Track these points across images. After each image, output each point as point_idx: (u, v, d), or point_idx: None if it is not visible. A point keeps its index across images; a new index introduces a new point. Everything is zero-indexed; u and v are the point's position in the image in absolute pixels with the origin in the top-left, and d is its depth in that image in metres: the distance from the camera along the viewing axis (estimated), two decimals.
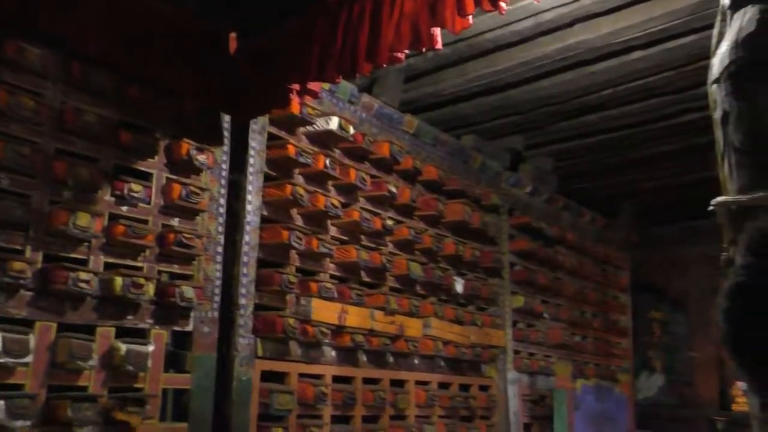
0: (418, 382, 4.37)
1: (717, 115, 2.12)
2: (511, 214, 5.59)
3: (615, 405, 5.63)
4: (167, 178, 3.09)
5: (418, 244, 4.44)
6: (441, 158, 4.84)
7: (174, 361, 3.09)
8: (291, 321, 3.44)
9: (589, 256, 6.49)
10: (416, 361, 4.39)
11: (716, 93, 2.11)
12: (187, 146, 3.09)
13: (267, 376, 3.43)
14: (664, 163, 6.07)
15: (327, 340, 3.68)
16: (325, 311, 3.66)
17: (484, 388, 4.96)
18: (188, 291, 3.00)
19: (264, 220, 3.54)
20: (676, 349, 7.55)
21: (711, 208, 2.15)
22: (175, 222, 3.10)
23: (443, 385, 4.59)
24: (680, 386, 7.24)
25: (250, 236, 3.42)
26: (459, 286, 4.73)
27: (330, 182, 3.91)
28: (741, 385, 6.81)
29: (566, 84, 4.56)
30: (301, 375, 3.59)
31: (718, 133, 2.13)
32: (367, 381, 4.00)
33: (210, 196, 3.26)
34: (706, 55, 4.08)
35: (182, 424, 3.01)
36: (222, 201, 3.32)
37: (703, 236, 7.20)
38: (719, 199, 2.10)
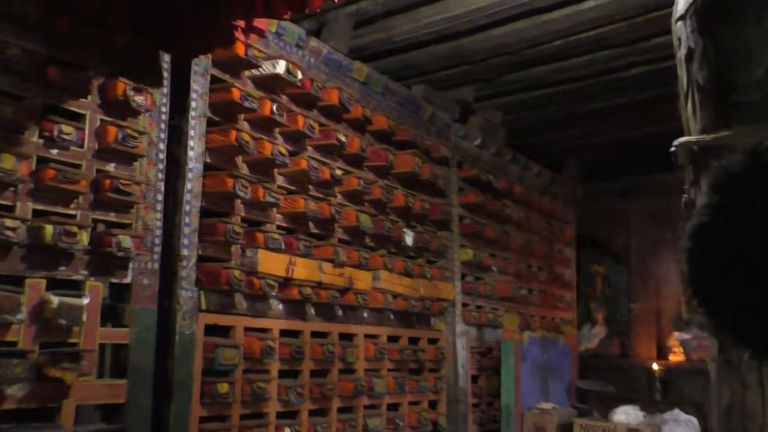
0: (368, 336, 4.31)
1: (681, 53, 2.07)
2: (460, 166, 5.54)
3: (559, 356, 5.73)
4: (101, 119, 2.87)
5: (368, 195, 4.34)
6: (391, 108, 4.71)
7: (112, 314, 2.92)
8: (236, 273, 3.31)
9: (535, 209, 6.52)
10: (365, 315, 4.33)
11: (681, 30, 2.05)
12: (122, 86, 2.87)
13: (211, 330, 3.30)
14: (610, 119, 6.10)
15: (274, 293, 3.56)
16: (272, 263, 3.54)
17: (433, 341, 4.95)
18: (126, 240, 2.82)
19: (207, 167, 3.36)
20: (616, 301, 7.74)
21: (672, 149, 2.11)
22: (110, 167, 2.89)
23: (392, 339, 4.55)
24: (620, 338, 7.44)
25: (192, 184, 3.24)
26: (409, 238, 4.66)
27: (277, 129, 3.74)
28: (677, 335, 7.05)
29: (518, 33, 4.46)
30: (247, 329, 3.48)
31: (682, 72, 2.08)
32: (316, 334, 3.91)
33: (149, 140, 3.06)
34: (657, 6, 4.07)
35: (121, 381, 2.87)
36: (162, 146, 3.13)
37: (646, 191, 7.37)
38: (681, 140, 2.06)
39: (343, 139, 4.09)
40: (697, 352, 6.84)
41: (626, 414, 4.63)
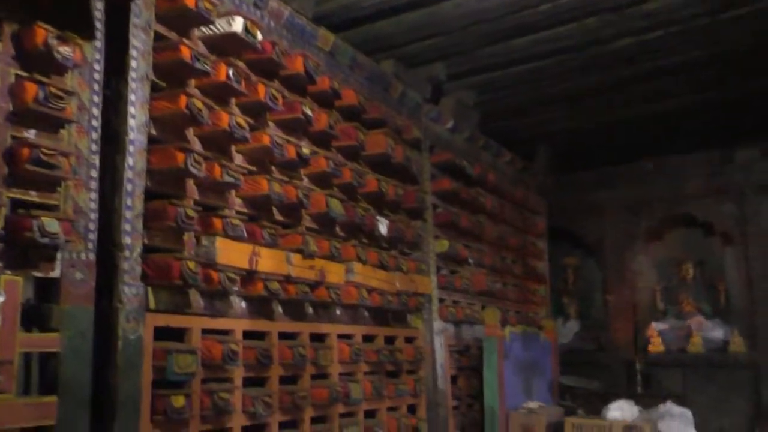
0: (341, 336, 3.82)
1: None
2: (431, 151, 5.11)
3: (540, 352, 5.36)
4: (17, 75, 2.31)
5: (338, 178, 3.86)
6: (359, 84, 4.24)
7: (37, 317, 2.36)
8: (190, 265, 2.78)
9: (508, 199, 6.15)
10: (338, 312, 3.84)
11: None
12: (43, 33, 2.32)
13: (162, 334, 2.76)
14: (588, 100, 5.78)
15: (236, 289, 3.04)
16: (232, 253, 3.02)
17: (410, 340, 4.50)
18: (51, 224, 2.27)
19: (152, 140, 2.83)
20: (589, 295, 7.44)
21: None
22: (29, 134, 2.34)
23: (368, 338, 4.08)
24: (596, 331, 7.13)
25: (134, 159, 2.70)
26: (382, 227, 4.19)
27: (234, 100, 3.23)
28: (655, 326, 6.78)
29: None
30: (206, 331, 2.95)
31: None
32: (284, 336, 3.41)
33: (79, 103, 2.51)
34: None
35: (50, 398, 2.31)
36: (96, 112, 2.58)
37: (620, 181, 7.10)
38: None
39: (309, 113, 3.60)
40: (676, 342, 6.58)
41: (621, 410, 4.28)
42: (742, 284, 6.39)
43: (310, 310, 3.62)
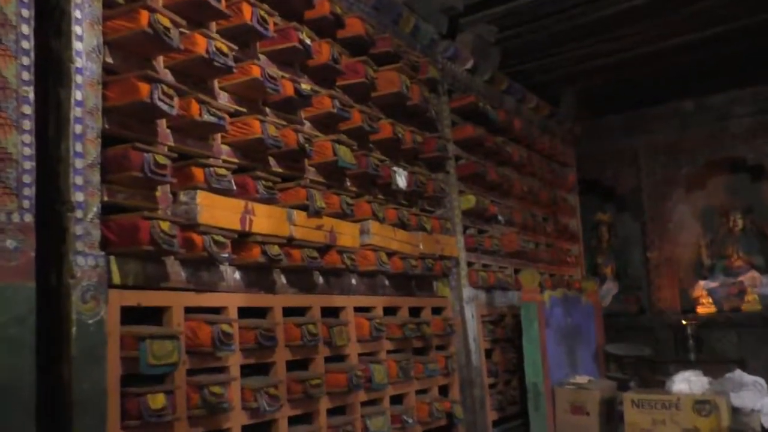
0: (359, 309, 3.22)
1: None
2: (450, 95, 4.46)
3: (583, 318, 4.76)
4: None
5: (345, 122, 3.23)
6: (365, 14, 3.59)
7: None
8: (164, 226, 2.16)
9: (535, 149, 5.50)
10: (354, 281, 3.24)
11: None
12: None
13: (132, 316, 2.16)
14: (619, 31, 5.08)
15: (225, 255, 2.43)
16: (219, 211, 2.41)
17: (437, 311, 3.90)
18: None
19: (109, 71, 2.21)
20: (626, 253, 6.80)
21: None
22: None
23: (389, 311, 3.48)
24: (636, 292, 6.51)
25: (84, 93, 2.09)
26: (401, 179, 3.57)
27: (211, 19, 2.60)
28: (703, 284, 6.16)
29: None
30: (189, 309, 2.35)
31: None
32: (290, 312, 2.80)
33: (0, 17, 1.89)
34: None
35: None
36: (26, 29, 1.95)
37: (656, 124, 6.42)
38: None
39: (308, 41, 2.95)
40: (729, 301, 5.96)
41: (688, 382, 3.68)
42: None
43: (320, 279, 3.02)
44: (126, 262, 2.17)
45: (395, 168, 3.55)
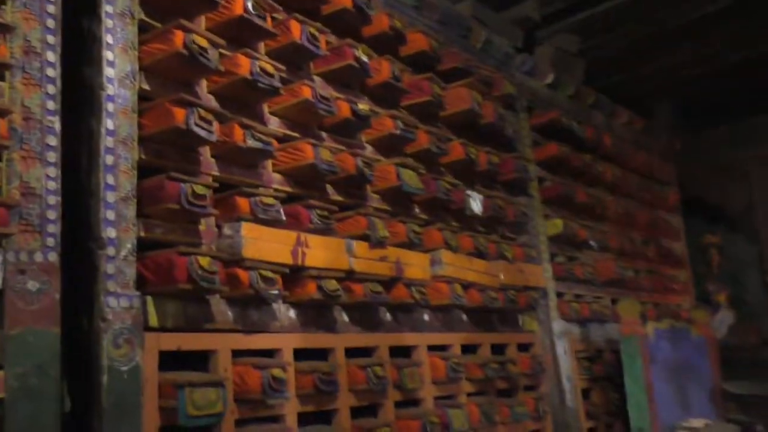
0: (432, 348, 2.92)
1: None
2: (530, 112, 4.13)
3: (694, 352, 4.23)
4: None
5: (410, 143, 2.98)
6: (429, 29, 3.36)
7: None
8: (203, 262, 1.97)
9: (629, 167, 5.04)
10: (426, 317, 2.95)
11: None
12: None
13: (171, 361, 1.97)
14: (716, 34, 4.60)
15: (275, 292, 2.21)
16: (266, 244, 2.20)
17: (524, 347, 3.53)
18: None
19: (145, 97, 2.07)
20: (740, 277, 6.12)
21: None
22: None
23: (468, 348, 3.15)
24: (757, 321, 5.82)
25: (116, 121, 1.95)
26: (475, 204, 3.27)
27: (256, 39, 2.44)
28: None
29: None
30: (237, 352, 2.14)
31: None
32: (353, 352, 2.55)
33: (25, 45, 1.78)
34: None
35: None
36: (52, 56, 1.84)
37: (765, 134, 5.80)
38: None
39: (365, 59, 2.75)
40: None
41: None
42: None
43: (387, 315, 2.75)
44: (164, 302, 1.99)
45: (469, 192, 3.26)
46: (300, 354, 2.33)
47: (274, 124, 2.48)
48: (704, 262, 6.21)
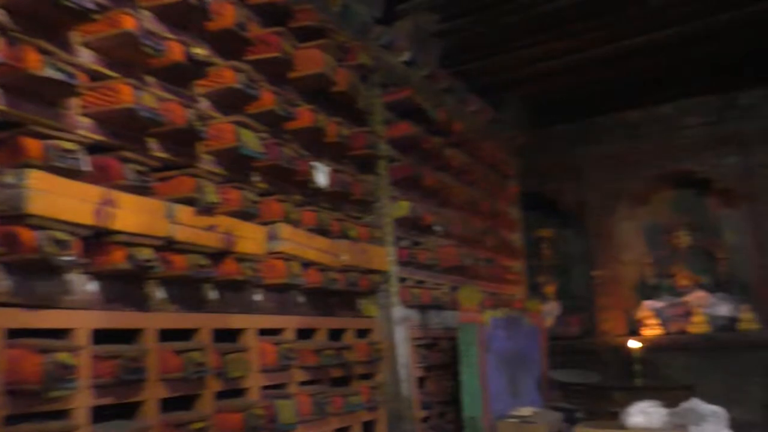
0: (264, 332, 2.62)
1: None
2: (384, 88, 3.93)
3: (526, 341, 4.28)
4: None
5: (252, 102, 2.64)
6: None
7: None
8: None
9: (476, 156, 5.03)
10: (258, 297, 2.64)
11: None
12: None
13: None
14: (571, 27, 4.68)
15: (70, 258, 1.79)
16: (62, 199, 1.78)
17: (362, 333, 3.33)
18: None
19: None
20: (568, 271, 6.41)
21: None
22: None
23: (303, 333, 2.89)
24: (580, 313, 6.11)
25: None
26: (321, 176, 3.00)
27: None
28: (648, 305, 5.80)
29: None
30: (14, 332, 1.70)
31: None
32: (168, 335, 2.18)
33: None
34: None
35: None
36: None
37: (604, 135, 6.08)
38: None
39: None
40: (675, 322, 5.62)
41: (645, 414, 3.24)
42: (752, 248, 5.45)
43: (213, 294, 2.41)
44: None
45: (314, 163, 2.98)
46: (100, 335, 1.93)
47: (87, 58, 2.04)
48: (536, 255, 6.43)
